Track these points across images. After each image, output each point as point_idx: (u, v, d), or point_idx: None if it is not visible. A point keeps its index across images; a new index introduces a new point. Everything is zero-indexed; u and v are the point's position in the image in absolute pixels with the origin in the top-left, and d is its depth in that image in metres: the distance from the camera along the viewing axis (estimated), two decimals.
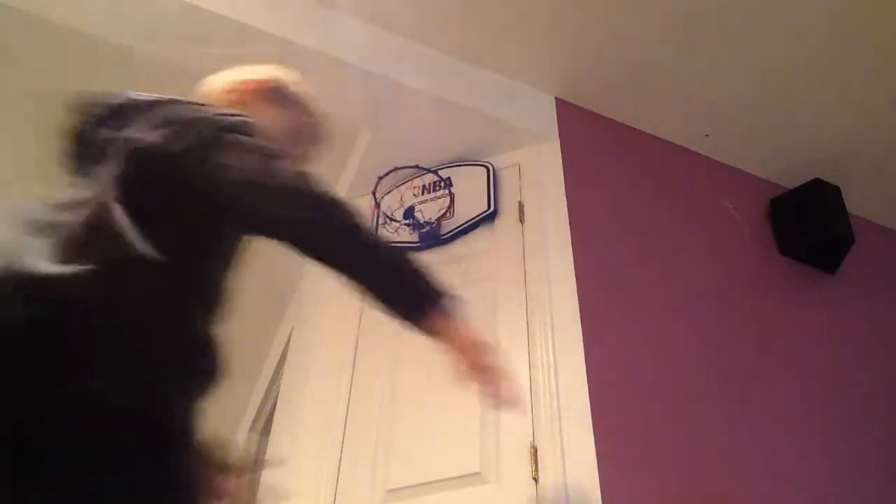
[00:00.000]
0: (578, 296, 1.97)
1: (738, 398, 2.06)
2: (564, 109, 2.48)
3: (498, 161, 2.38)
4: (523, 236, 2.17)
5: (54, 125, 1.27)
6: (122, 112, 1.14)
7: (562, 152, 2.33)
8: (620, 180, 2.39)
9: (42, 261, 0.84)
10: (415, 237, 2.27)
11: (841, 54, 2.31)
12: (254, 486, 1.30)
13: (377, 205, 2.36)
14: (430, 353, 2.04)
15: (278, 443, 2.40)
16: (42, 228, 0.90)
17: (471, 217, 2.25)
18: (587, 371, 1.81)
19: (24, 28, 2.31)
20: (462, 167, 2.39)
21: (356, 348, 2.12)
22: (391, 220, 2.30)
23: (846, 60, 2.33)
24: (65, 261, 0.84)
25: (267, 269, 3.17)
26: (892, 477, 2.12)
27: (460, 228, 2.24)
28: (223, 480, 1.07)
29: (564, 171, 2.27)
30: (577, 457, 1.68)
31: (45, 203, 0.99)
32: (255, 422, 3.42)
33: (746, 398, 2.07)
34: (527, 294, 2.03)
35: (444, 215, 2.28)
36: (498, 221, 2.25)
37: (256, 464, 1.28)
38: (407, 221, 2.29)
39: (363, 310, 2.21)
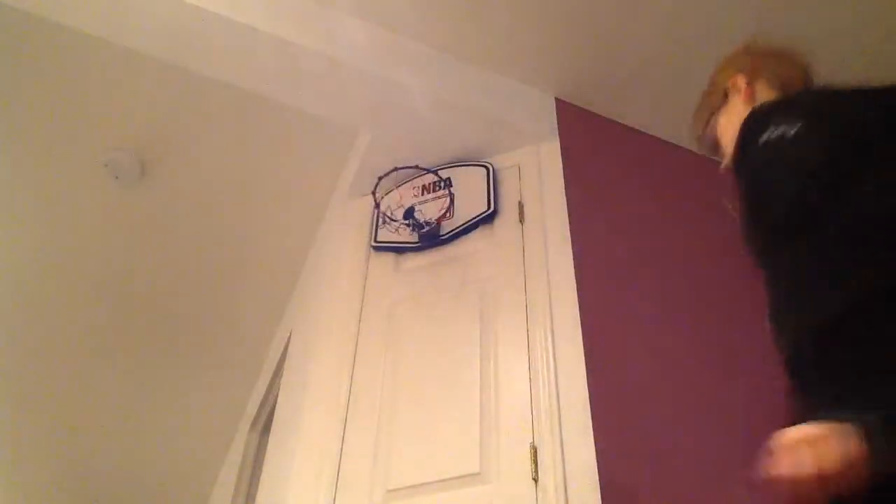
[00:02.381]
0: (578, 296, 1.97)
1: (738, 398, 2.06)
2: (564, 109, 2.48)
3: (498, 161, 2.38)
4: (523, 236, 2.17)
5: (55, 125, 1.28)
6: None
7: (562, 152, 2.33)
8: (620, 180, 2.39)
9: None
10: (415, 237, 2.27)
11: (840, 54, 2.31)
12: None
13: (377, 205, 2.37)
14: (430, 354, 2.05)
15: (278, 443, 2.40)
16: None
17: (470, 217, 2.25)
18: (587, 371, 1.82)
19: (24, 28, 2.31)
20: (462, 167, 2.39)
21: (356, 348, 2.12)
22: (391, 220, 2.30)
23: (845, 60, 2.33)
24: None
25: (267, 269, 3.19)
26: None
27: (460, 229, 2.24)
28: None
29: (564, 171, 2.27)
30: (577, 457, 1.68)
31: None
32: (255, 422, 3.43)
33: (746, 398, 2.07)
34: (526, 294, 2.03)
35: (443, 215, 2.28)
36: (498, 222, 2.25)
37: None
38: (407, 221, 2.29)
39: (363, 310, 2.22)
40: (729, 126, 1.30)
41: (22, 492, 4.49)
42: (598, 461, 1.67)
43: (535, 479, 1.68)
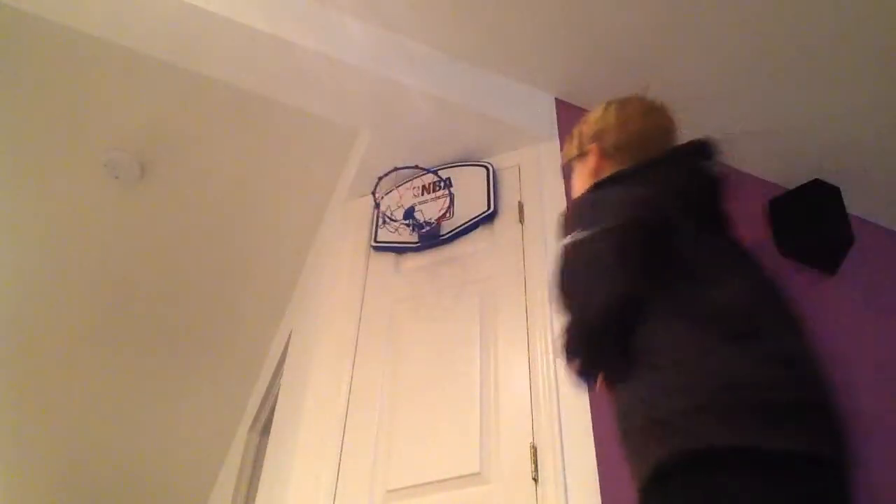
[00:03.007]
0: None
1: None
2: (564, 109, 2.48)
3: (498, 161, 2.38)
4: (523, 236, 2.17)
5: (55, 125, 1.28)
6: None
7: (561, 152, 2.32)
8: None
9: None
10: (414, 237, 2.27)
11: (841, 54, 2.31)
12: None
13: (377, 205, 2.37)
14: (430, 354, 2.05)
15: (278, 443, 2.40)
16: None
17: (470, 217, 2.25)
18: None
19: (24, 28, 2.31)
20: (462, 167, 2.39)
21: (356, 348, 2.12)
22: (391, 220, 2.30)
23: (846, 60, 2.33)
24: None
25: (267, 270, 3.19)
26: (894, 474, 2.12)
27: (460, 229, 2.24)
28: None
29: (564, 171, 2.26)
30: (577, 457, 1.68)
31: None
32: (255, 422, 3.43)
33: None
34: (526, 294, 2.03)
35: (443, 215, 2.28)
36: (497, 222, 2.25)
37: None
38: (407, 221, 2.29)
39: (363, 310, 2.22)
40: (577, 185, 1.39)
41: (22, 492, 4.49)
42: (597, 461, 1.67)
43: (535, 479, 1.68)
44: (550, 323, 1.93)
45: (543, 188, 2.26)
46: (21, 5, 2.09)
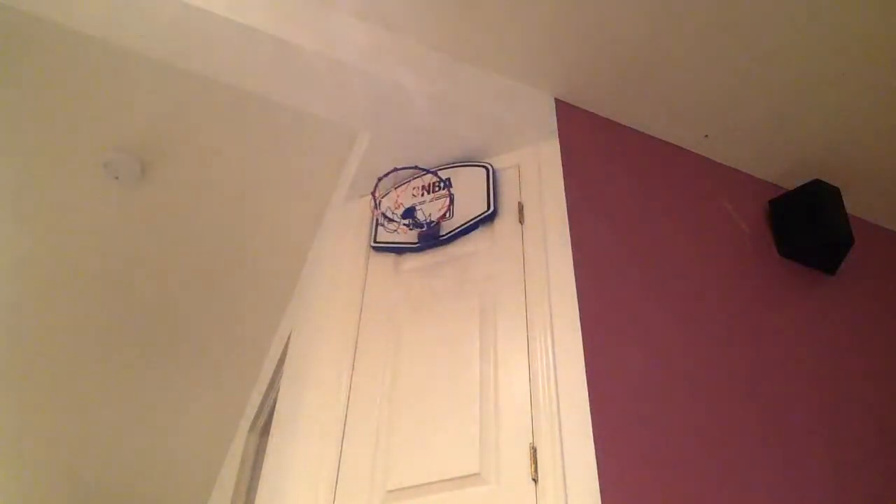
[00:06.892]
0: (578, 296, 1.97)
1: (738, 400, 2.06)
2: (564, 110, 2.48)
3: (497, 162, 2.38)
4: (523, 237, 2.17)
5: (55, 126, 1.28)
6: None
7: (561, 153, 2.33)
8: (620, 181, 2.39)
9: None
10: (414, 238, 2.28)
11: (841, 54, 2.31)
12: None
13: (377, 205, 2.37)
14: (430, 354, 2.05)
15: (278, 443, 2.40)
16: None
17: (470, 218, 2.25)
18: (587, 371, 1.82)
19: (23, 28, 2.31)
20: (462, 167, 2.40)
21: (356, 348, 2.12)
22: (391, 220, 2.30)
23: (847, 60, 2.33)
24: None
25: (267, 270, 3.19)
26: (891, 477, 2.12)
27: (460, 229, 2.24)
28: None
29: (564, 171, 2.27)
30: (577, 457, 1.68)
31: None
32: (255, 422, 3.43)
33: (746, 399, 2.08)
34: (526, 295, 2.03)
35: (443, 216, 2.28)
36: (497, 222, 2.25)
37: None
38: (406, 222, 2.29)
39: (363, 310, 2.22)
40: None
41: (22, 492, 4.49)
42: (597, 461, 1.67)
43: (535, 480, 1.68)
44: (550, 323, 1.93)
45: (543, 188, 2.26)
46: (21, 5, 2.09)
